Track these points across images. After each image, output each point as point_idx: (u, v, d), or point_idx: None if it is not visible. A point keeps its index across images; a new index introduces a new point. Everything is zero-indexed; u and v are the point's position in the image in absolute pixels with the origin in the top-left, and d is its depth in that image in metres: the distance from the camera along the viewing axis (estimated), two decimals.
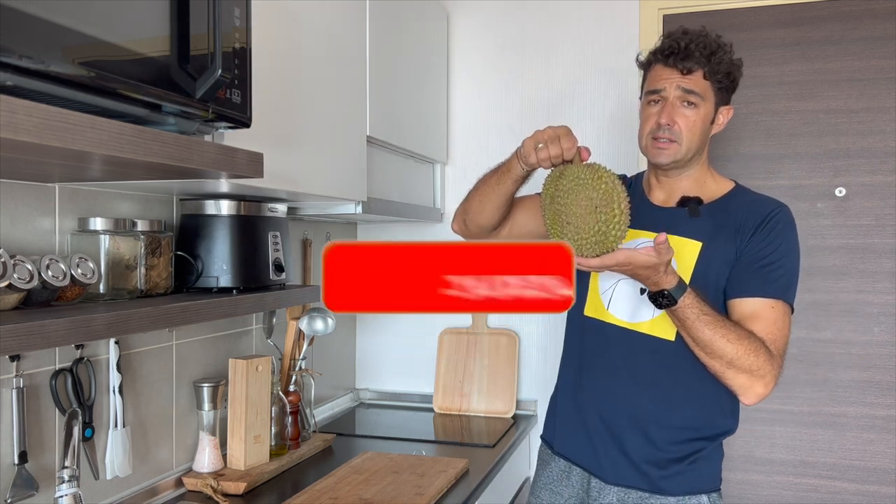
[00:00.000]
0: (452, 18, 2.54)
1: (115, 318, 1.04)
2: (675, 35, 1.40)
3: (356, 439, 2.14)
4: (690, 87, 1.38)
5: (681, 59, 1.37)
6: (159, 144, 0.96)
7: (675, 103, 1.39)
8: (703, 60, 1.37)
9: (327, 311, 1.99)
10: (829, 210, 2.19)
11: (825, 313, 2.20)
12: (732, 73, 1.42)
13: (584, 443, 1.50)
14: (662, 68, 1.40)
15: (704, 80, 1.39)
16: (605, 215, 1.16)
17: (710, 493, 1.43)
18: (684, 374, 1.41)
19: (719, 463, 1.47)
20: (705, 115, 1.41)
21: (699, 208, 1.42)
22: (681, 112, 1.39)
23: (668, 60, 1.39)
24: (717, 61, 1.38)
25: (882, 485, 2.16)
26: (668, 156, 1.40)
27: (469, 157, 2.54)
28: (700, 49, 1.36)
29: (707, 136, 1.44)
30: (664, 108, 1.39)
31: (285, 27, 1.46)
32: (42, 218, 1.30)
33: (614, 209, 1.17)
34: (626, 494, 1.44)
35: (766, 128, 2.25)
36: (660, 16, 2.32)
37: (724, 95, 1.44)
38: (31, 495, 1.28)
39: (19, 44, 0.78)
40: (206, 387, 1.68)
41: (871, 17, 2.15)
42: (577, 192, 1.18)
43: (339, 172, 1.71)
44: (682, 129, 1.39)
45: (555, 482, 1.56)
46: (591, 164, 1.23)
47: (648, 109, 1.43)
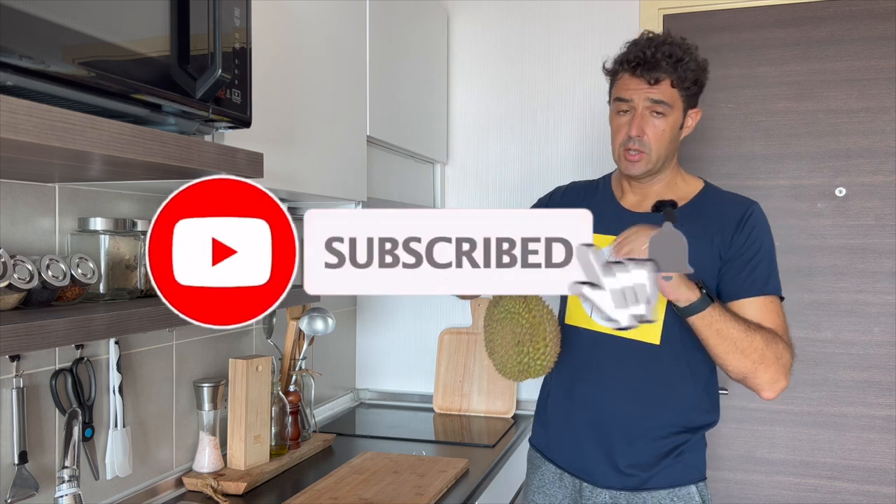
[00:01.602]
0: (452, 19, 2.54)
1: (115, 318, 1.04)
2: (640, 43, 1.39)
3: (356, 439, 2.14)
4: (658, 97, 1.38)
5: (648, 70, 1.36)
6: (159, 144, 0.96)
7: (643, 114, 1.39)
8: (670, 69, 1.36)
9: (327, 311, 1.99)
10: (829, 210, 2.19)
11: (825, 313, 2.20)
12: (699, 78, 1.42)
13: (576, 451, 1.52)
14: (630, 78, 1.40)
15: (672, 89, 1.38)
16: (528, 347, 1.26)
17: (697, 482, 1.47)
18: (669, 377, 1.44)
19: (704, 453, 1.50)
20: (674, 123, 1.41)
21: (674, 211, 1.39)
22: (650, 122, 1.39)
23: (635, 71, 1.38)
24: (684, 68, 1.37)
25: (882, 485, 2.16)
26: (639, 168, 1.42)
27: (469, 157, 2.54)
28: (666, 58, 1.36)
29: (677, 141, 1.46)
30: (633, 120, 1.39)
31: (285, 27, 1.46)
32: (42, 218, 1.30)
33: (538, 343, 1.26)
34: (619, 494, 1.47)
35: (766, 128, 2.25)
36: (660, 16, 2.32)
37: (692, 100, 1.45)
38: (31, 495, 1.28)
39: (19, 44, 0.78)
40: (206, 387, 1.68)
41: (871, 17, 2.15)
42: (505, 325, 1.29)
43: (339, 172, 1.71)
44: (651, 139, 1.40)
45: (548, 485, 1.58)
46: (526, 296, 1.30)
47: (618, 119, 1.44)
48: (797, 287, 2.22)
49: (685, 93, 1.41)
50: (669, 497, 1.44)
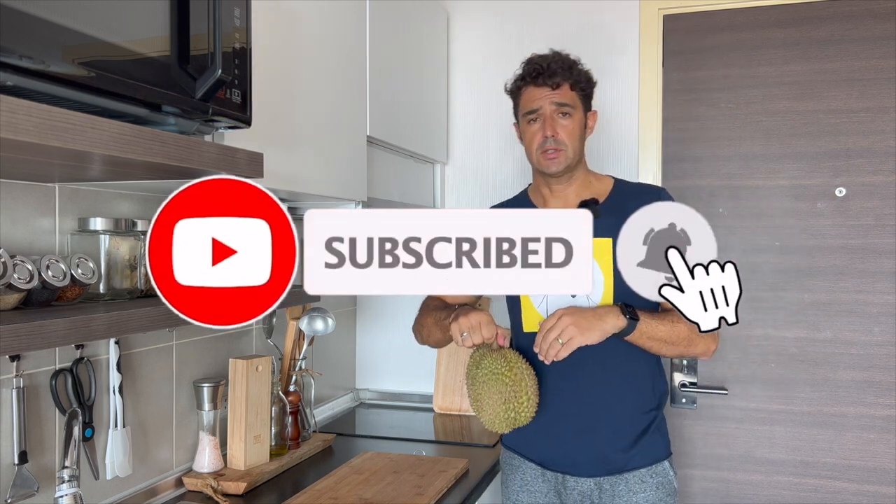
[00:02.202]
0: (452, 18, 2.54)
1: (115, 318, 1.04)
2: (535, 59, 1.57)
3: (356, 439, 2.14)
4: (562, 100, 1.54)
5: (548, 77, 1.53)
6: (159, 144, 0.96)
7: (552, 116, 1.54)
8: (567, 73, 1.55)
9: (327, 311, 1.99)
10: (829, 210, 2.19)
11: (825, 313, 2.20)
12: (590, 81, 1.61)
13: (554, 446, 1.60)
14: (534, 89, 1.55)
15: (571, 91, 1.56)
16: (514, 403, 1.42)
17: (668, 457, 1.62)
18: (627, 358, 1.55)
19: (667, 431, 1.66)
20: (579, 122, 1.58)
21: (598, 208, 1.56)
22: (560, 123, 1.54)
23: (537, 80, 1.55)
24: (577, 73, 1.56)
25: (882, 485, 2.16)
26: (559, 163, 1.55)
27: (469, 157, 2.54)
28: (561, 65, 1.54)
29: (584, 140, 1.61)
30: (545, 123, 1.54)
31: (285, 27, 1.46)
32: (42, 218, 1.30)
33: (522, 398, 1.42)
34: (602, 479, 1.58)
35: (766, 128, 2.25)
36: (660, 16, 2.32)
37: (588, 102, 1.62)
38: (31, 495, 1.28)
39: (19, 44, 0.78)
40: (206, 387, 1.68)
41: (871, 17, 2.15)
42: (490, 385, 1.42)
43: (339, 172, 1.71)
44: (565, 137, 1.54)
45: (530, 483, 1.64)
46: (505, 353, 1.45)
47: (530, 128, 1.57)
48: (797, 287, 2.22)
49: (582, 94, 1.58)
50: (648, 474, 1.57)
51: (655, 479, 1.57)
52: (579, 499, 1.59)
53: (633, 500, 1.56)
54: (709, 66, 2.29)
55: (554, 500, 1.62)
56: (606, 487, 1.57)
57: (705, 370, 2.30)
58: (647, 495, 1.56)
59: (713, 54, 2.29)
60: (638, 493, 1.56)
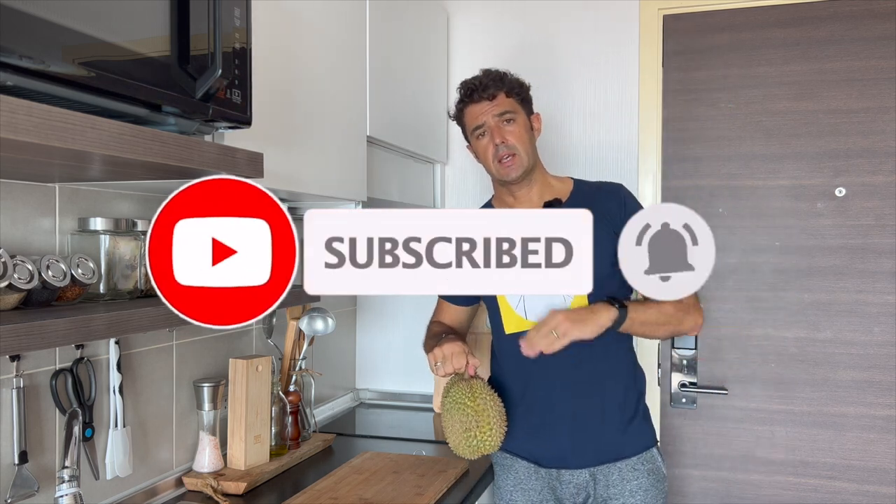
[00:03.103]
0: (452, 18, 2.54)
1: (115, 318, 1.04)
2: (467, 81, 1.67)
3: (356, 439, 2.14)
4: (502, 108, 1.62)
5: (482, 90, 1.62)
6: (159, 144, 0.96)
7: (498, 125, 1.62)
8: (499, 83, 1.64)
9: (327, 311, 1.99)
10: (829, 210, 2.19)
11: (825, 313, 2.20)
12: (524, 86, 1.68)
13: (547, 444, 1.64)
14: (474, 106, 1.64)
15: (508, 98, 1.63)
16: (476, 432, 1.45)
17: (656, 444, 1.69)
18: (609, 347, 1.59)
19: (651, 418, 1.72)
20: (524, 125, 1.65)
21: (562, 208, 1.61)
22: (506, 130, 1.62)
23: (473, 97, 1.64)
24: (508, 81, 1.65)
25: (882, 485, 2.16)
26: (517, 167, 1.62)
27: (469, 158, 2.52)
28: (491, 79, 1.64)
29: (534, 141, 1.68)
30: (493, 133, 1.62)
31: (285, 27, 1.46)
32: (42, 218, 1.30)
33: (483, 427, 1.45)
34: (596, 469, 1.63)
35: (766, 128, 2.25)
36: (660, 16, 2.32)
37: (528, 106, 1.69)
38: (32, 495, 1.28)
39: (19, 44, 0.78)
40: (206, 387, 1.68)
41: (871, 17, 2.15)
42: (453, 414, 1.47)
43: (339, 172, 1.71)
44: (515, 141, 1.61)
45: (524, 481, 1.68)
46: (472, 384, 1.49)
47: (480, 143, 1.65)
48: (797, 287, 2.22)
49: (519, 98, 1.65)
50: (640, 461, 1.63)
51: (646, 466, 1.63)
52: (575, 491, 1.64)
53: (626, 488, 1.61)
54: (709, 66, 2.29)
55: (548, 497, 1.66)
56: (600, 478, 1.62)
57: (705, 370, 2.30)
58: (640, 482, 1.62)
59: (713, 54, 2.29)
60: (631, 480, 1.61)
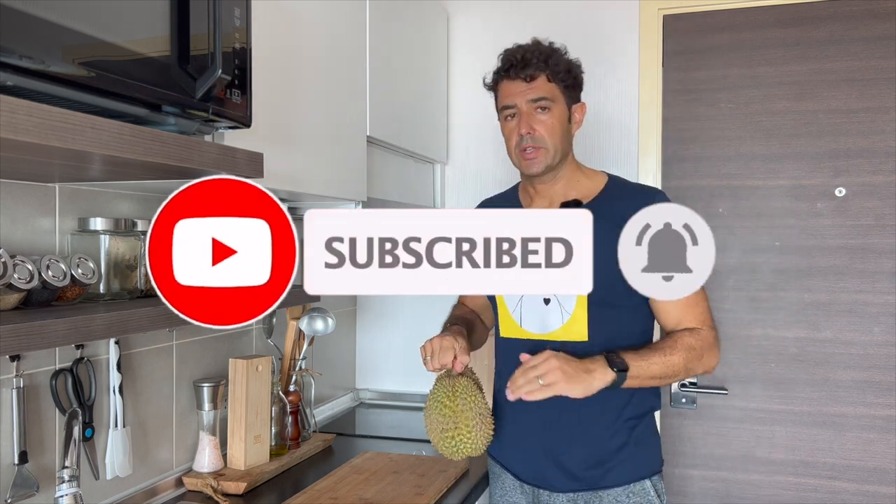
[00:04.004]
0: (452, 18, 2.54)
1: (115, 318, 1.04)
2: (510, 50, 1.47)
3: (356, 439, 2.14)
4: (538, 94, 1.44)
5: (521, 69, 1.43)
6: (159, 144, 0.96)
7: (528, 112, 1.44)
8: (542, 65, 1.43)
9: (327, 311, 1.99)
10: (829, 210, 2.19)
11: (825, 313, 2.20)
12: (573, 70, 1.48)
13: (528, 460, 1.54)
14: (509, 83, 1.47)
15: (549, 83, 1.44)
16: (453, 433, 1.37)
17: (651, 476, 1.49)
18: None
19: (656, 446, 1.53)
20: (561, 116, 1.46)
21: None
22: (537, 119, 1.44)
23: (510, 73, 1.45)
24: (554, 62, 1.44)
25: (882, 485, 2.16)
26: (539, 164, 1.45)
27: (469, 157, 2.54)
28: (536, 55, 1.43)
29: (569, 135, 1.50)
30: (521, 120, 1.45)
31: (285, 27, 1.46)
32: (42, 218, 1.30)
33: (461, 429, 1.36)
34: (576, 496, 1.49)
35: (766, 128, 2.25)
36: (660, 16, 2.32)
37: (573, 93, 1.49)
38: (31, 495, 1.28)
39: (19, 44, 0.78)
40: (206, 387, 1.68)
41: (871, 17, 2.15)
42: (431, 413, 1.40)
43: (339, 172, 1.71)
44: (544, 133, 1.44)
45: (509, 493, 1.61)
46: (455, 382, 1.39)
47: (507, 125, 1.49)
48: (797, 287, 2.22)
49: (562, 85, 1.46)
50: (625, 493, 1.46)
51: (632, 500, 1.46)
52: None
53: None
54: (709, 66, 2.29)
55: None
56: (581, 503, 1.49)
57: None
58: None
59: (713, 54, 2.29)
60: None
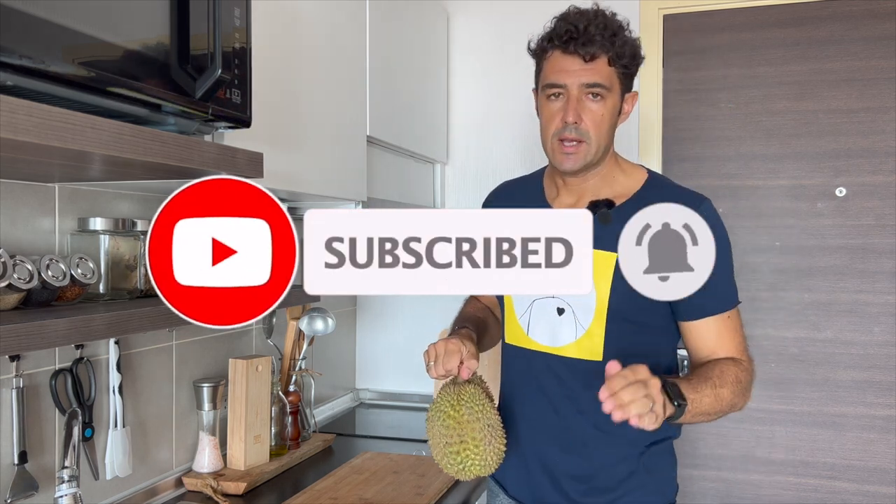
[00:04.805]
0: (452, 18, 2.54)
1: (115, 318, 1.04)
2: (570, 17, 1.22)
3: (356, 439, 2.14)
4: (595, 79, 1.21)
5: (582, 45, 1.19)
6: (159, 144, 0.96)
7: (580, 98, 1.22)
8: (607, 44, 1.20)
9: (327, 311, 1.99)
10: (829, 210, 2.19)
11: (825, 313, 2.20)
12: (637, 56, 1.25)
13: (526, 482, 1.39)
14: (561, 56, 1.22)
15: (609, 67, 1.22)
16: (458, 448, 1.18)
17: None
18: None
19: (670, 473, 1.36)
20: (613, 108, 1.25)
21: (610, 213, 1.24)
22: (587, 107, 1.22)
23: (567, 47, 1.21)
24: (621, 43, 1.21)
25: (882, 485, 2.16)
26: (576, 160, 1.25)
27: (469, 157, 2.54)
28: (601, 31, 1.19)
29: (614, 129, 1.29)
30: (569, 105, 1.22)
31: (285, 27, 1.46)
32: (42, 218, 1.30)
33: (468, 443, 1.18)
34: None
35: (766, 128, 2.25)
36: (660, 16, 2.32)
37: (629, 82, 1.28)
38: (31, 495, 1.28)
39: (19, 44, 0.78)
40: (206, 387, 1.68)
41: (871, 17, 2.15)
42: (434, 424, 1.21)
43: (339, 172, 1.71)
44: (590, 126, 1.23)
45: None
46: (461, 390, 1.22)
47: (550, 106, 1.25)
48: (797, 287, 2.22)
49: (623, 72, 1.24)
50: None
51: None
52: None
53: None
54: (709, 66, 2.29)
55: None
56: None
57: None
58: None
59: (713, 54, 2.29)
60: None
